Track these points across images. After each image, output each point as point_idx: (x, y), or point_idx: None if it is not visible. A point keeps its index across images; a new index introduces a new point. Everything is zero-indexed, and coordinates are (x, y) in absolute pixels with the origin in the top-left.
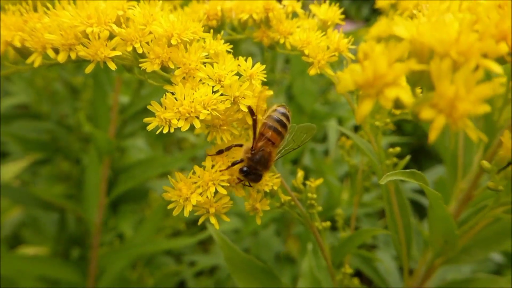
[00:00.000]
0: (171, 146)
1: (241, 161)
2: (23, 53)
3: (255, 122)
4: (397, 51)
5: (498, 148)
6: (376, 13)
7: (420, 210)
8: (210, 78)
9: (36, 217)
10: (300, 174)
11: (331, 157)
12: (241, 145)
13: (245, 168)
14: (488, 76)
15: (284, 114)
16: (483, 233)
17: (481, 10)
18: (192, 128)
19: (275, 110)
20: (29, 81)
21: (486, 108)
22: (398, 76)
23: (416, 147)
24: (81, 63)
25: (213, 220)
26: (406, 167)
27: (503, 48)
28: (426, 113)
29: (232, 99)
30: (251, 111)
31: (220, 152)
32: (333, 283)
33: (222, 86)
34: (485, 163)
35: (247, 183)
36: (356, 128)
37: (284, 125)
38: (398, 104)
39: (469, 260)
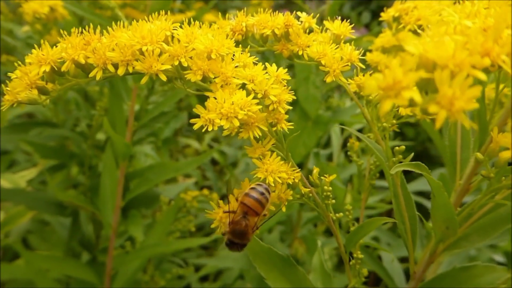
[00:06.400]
0: (176, 152)
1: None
2: (84, 68)
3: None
4: (409, 63)
5: (490, 143)
6: (376, 18)
7: (421, 212)
8: (244, 79)
9: (44, 223)
10: (316, 170)
11: (335, 162)
12: None
13: (227, 242)
14: (482, 83)
15: (261, 192)
16: (481, 222)
17: (471, 33)
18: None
19: (253, 188)
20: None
21: (475, 105)
22: (411, 82)
23: (418, 151)
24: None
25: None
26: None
27: (486, 61)
28: (432, 108)
29: (263, 92)
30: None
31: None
32: (346, 268)
33: (254, 84)
34: (479, 155)
35: None
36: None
37: (261, 196)
38: (411, 103)
39: (469, 246)
